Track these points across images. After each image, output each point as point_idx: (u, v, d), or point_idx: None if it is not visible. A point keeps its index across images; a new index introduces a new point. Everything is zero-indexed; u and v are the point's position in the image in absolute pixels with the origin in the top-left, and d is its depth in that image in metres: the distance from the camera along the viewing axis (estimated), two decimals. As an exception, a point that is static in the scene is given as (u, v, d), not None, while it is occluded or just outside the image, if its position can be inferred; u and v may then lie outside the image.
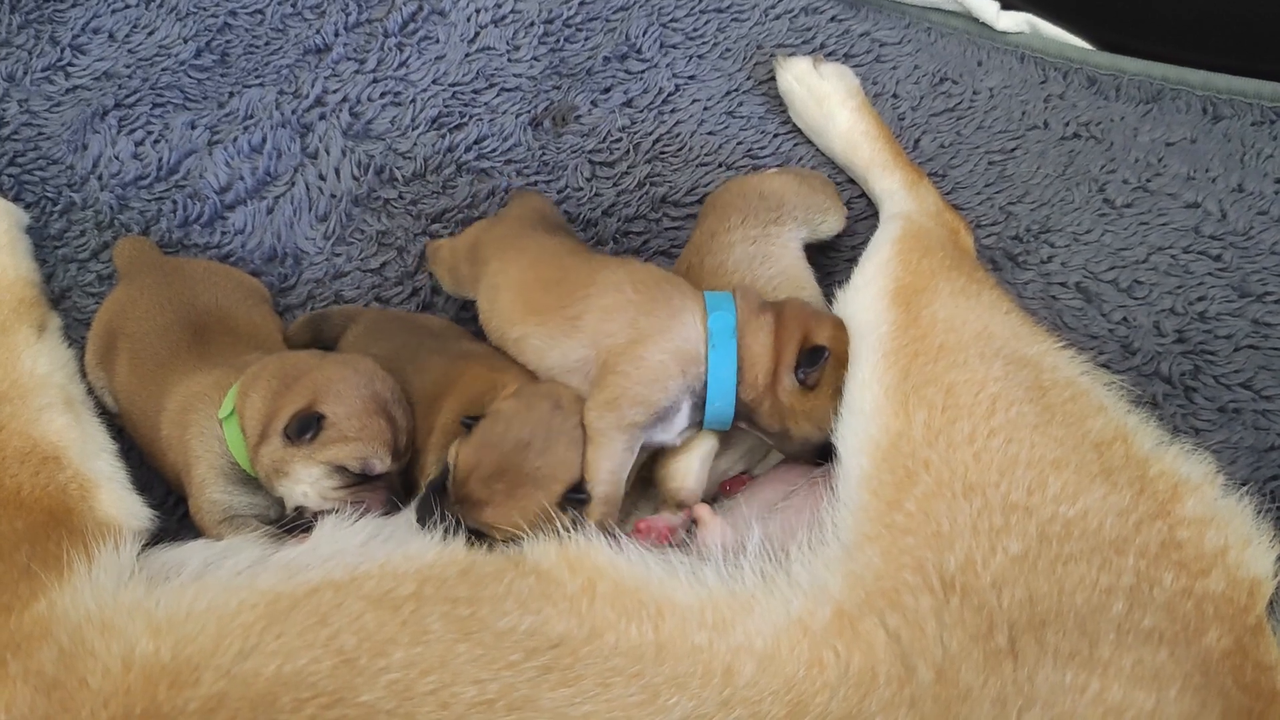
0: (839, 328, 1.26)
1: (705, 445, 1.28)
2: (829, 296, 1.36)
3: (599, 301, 1.27)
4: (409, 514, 1.19)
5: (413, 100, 1.81)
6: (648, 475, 1.34)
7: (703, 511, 1.18)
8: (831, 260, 1.60)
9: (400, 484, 1.27)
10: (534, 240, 1.39)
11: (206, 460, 1.26)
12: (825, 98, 1.64)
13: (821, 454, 1.25)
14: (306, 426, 1.19)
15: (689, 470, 1.26)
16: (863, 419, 1.13)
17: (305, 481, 1.21)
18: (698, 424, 1.27)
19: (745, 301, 1.27)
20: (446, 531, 1.13)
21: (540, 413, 1.19)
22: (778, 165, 1.71)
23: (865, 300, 1.26)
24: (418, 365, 1.36)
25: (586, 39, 1.89)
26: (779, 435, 1.26)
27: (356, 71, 1.85)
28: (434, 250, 1.55)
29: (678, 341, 1.23)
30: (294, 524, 1.24)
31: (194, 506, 1.26)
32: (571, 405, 1.23)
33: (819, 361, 1.22)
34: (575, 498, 1.17)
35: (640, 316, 1.25)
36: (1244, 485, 1.13)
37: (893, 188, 1.54)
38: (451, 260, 1.49)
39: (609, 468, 1.19)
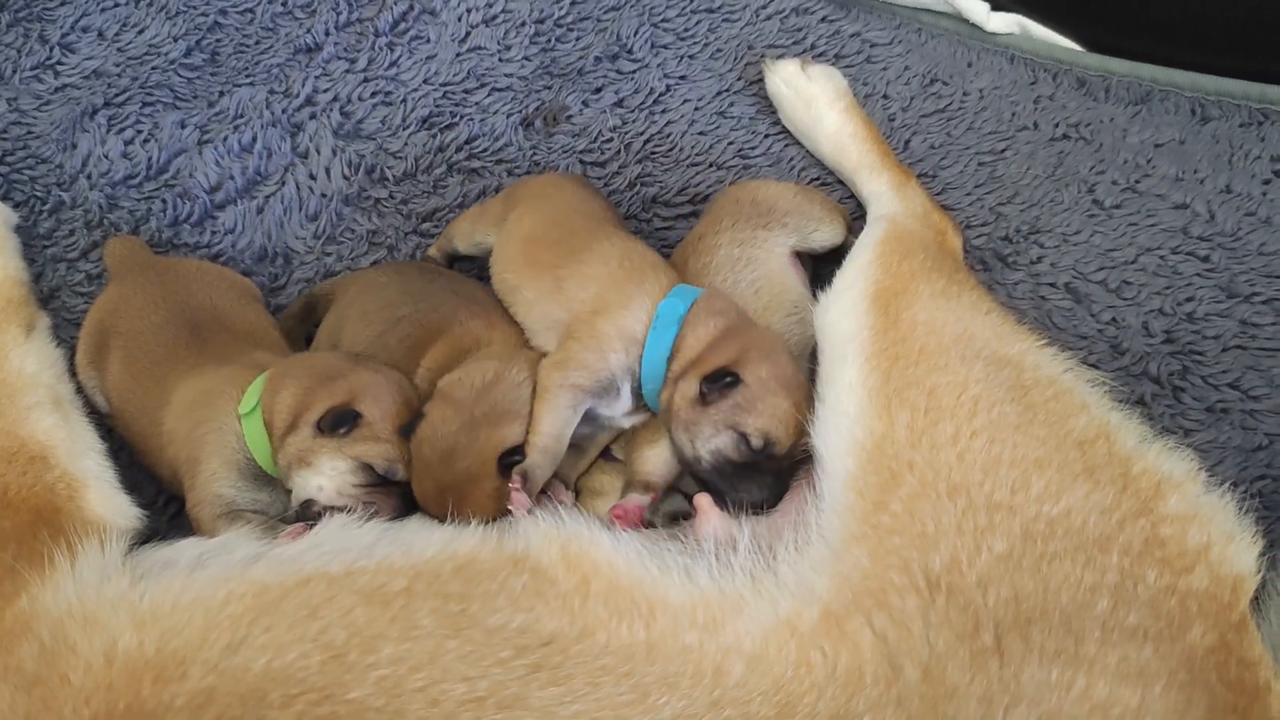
0: (777, 378, 1.23)
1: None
2: (816, 297, 1.37)
3: (585, 269, 1.33)
4: (418, 517, 1.21)
5: (403, 100, 1.81)
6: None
7: (703, 501, 1.19)
8: (822, 259, 1.60)
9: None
10: (561, 197, 1.45)
11: (221, 455, 1.25)
12: (813, 100, 1.65)
13: (699, 482, 1.25)
14: (342, 420, 1.21)
15: (658, 457, 1.30)
16: (847, 421, 1.14)
17: (326, 474, 1.21)
18: (644, 408, 1.31)
19: (707, 299, 1.30)
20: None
21: (457, 413, 1.22)
22: (769, 165, 1.72)
23: (846, 304, 1.26)
24: (431, 300, 1.39)
25: (578, 39, 1.89)
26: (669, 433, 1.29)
27: (347, 71, 1.85)
28: (464, 216, 1.61)
29: (628, 320, 1.28)
30: (295, 519, 1.24)
31: (193, 499, 1.25)
32: (492, 382, 1.25)
33: (721, 383, 1.21)
34: (512, 460, 1.21)
35: (609, 290, 1.30)
36: (1231, 485, 1.14)
37: (879, 190, 1.54)
38: (481, 209, 1.56)
39: (550, 422, 1.23)
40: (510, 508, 1.17)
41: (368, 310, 1.42)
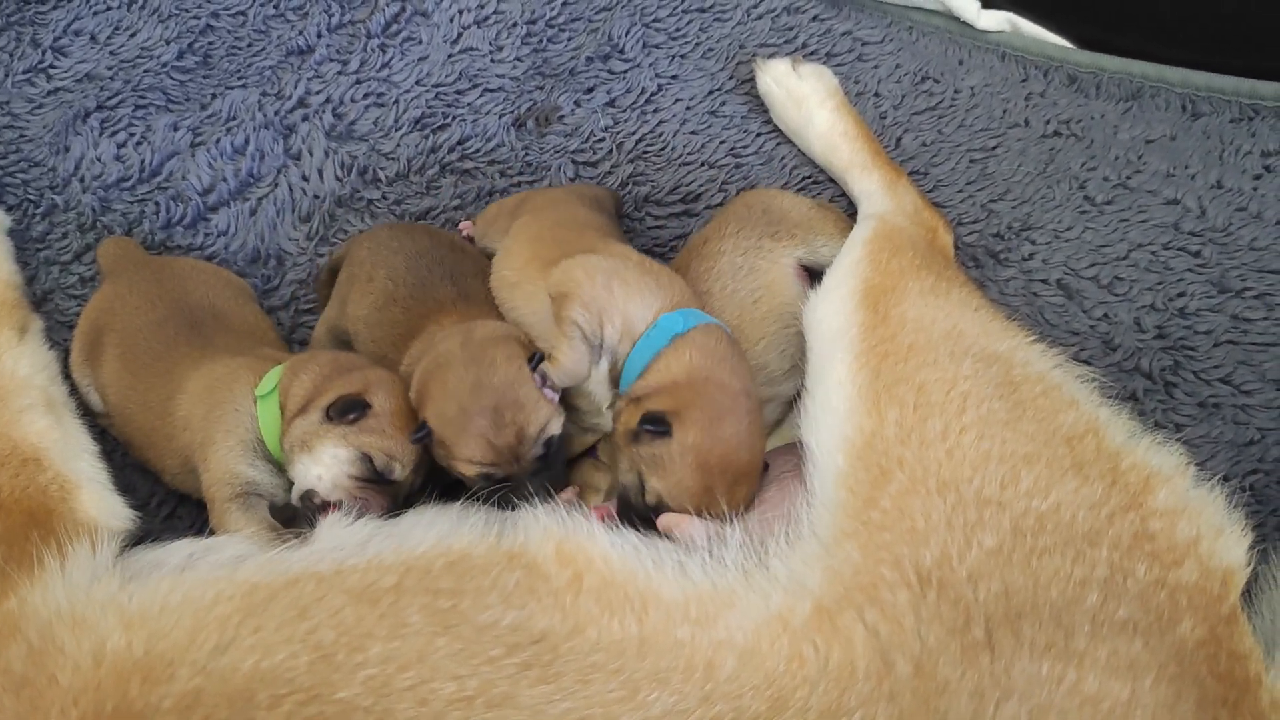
0: (699, 452, 1.17)
1: None
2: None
3: (598, 259, 1.31)
4: (415, 516, 1.19)
5: (396, 101, 1.81)
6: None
7: (667, 520, 1.16)
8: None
9: (403, 499, 1.28)
10: (569, 209, 1.45)
11: (236, 434, 1.27)
12: (804, 99, 1.65)
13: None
14: (351, 408, 1.22)
15: None
16: (836, 418, 1.14)
17: (325, 462, 1.22)
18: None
19: (705, 332, 1.26)
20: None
21: (460, 356, 1.24)
22: (761, 164, 1.72)
23: (835, 302, 1.27)
24: (427, 288, 1.40)
25: (569, 39, 1.89)
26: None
27: (339, 73, 1.85)
28: (485, 210, 1.62)
29: (635, 305, 1.27)
30: (297, 516, 1.26)
31: (210, 480, 1.26)
32: (473, 329, 1.29)
33: (653, 428, 1.18)
34: (537, 360, 1.25)
35: (628, 270, 1.29)
36: (1223, 479, 1.14)
37: (870, 188, 1.54)
38: (498, 211, 1.56)
39: (569, 354, 1.24)
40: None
41: (374, 276, 1.43)
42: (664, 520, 1.17)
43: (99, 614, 0.97)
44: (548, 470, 1.24)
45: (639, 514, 1.20)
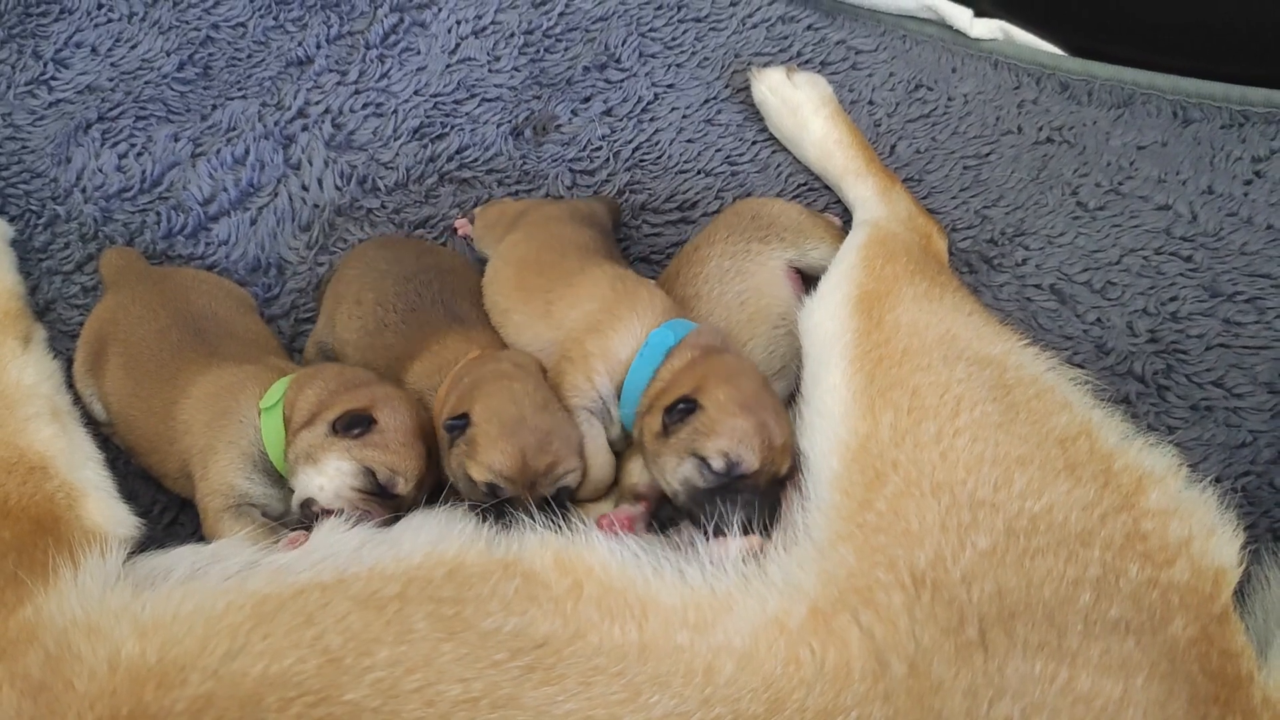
0: (735, 400, 1.20)
1: None
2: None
3: (575, 291, 1.35)
4: (404, 521, 1.21)
5: (394, 111, 1.83)
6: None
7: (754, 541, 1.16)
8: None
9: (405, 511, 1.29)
10: (558, 228, 1.47)
11: (239, 446, 1.28)
12: (798, 107, 1.67)
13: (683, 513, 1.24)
14: (357, 423, 1.24)
15: (643, 468, 1.30)
16: (831, 422, 1.16)
17: (329, 474, 1.23)
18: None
19: (695, 334, 1.30)
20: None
21: (534, 384, 1.28)
22: (756, 171, 1.74)
23: (830, 307, 1.28)
24: (420, 312, 1.41)
25: (566, 49, 1.91)
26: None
27: (338, 83, 1.87)
28: (489, 203, 1.65)
29: (614, 342, 1.30)
30: (295, 523, 1.26)
31: (205, 489, 1.27)
32: (525, 364, 1.34)
33: (683, 406, 1.20)
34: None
35: (600, 311, 1.32)
36: (1216, 481, 1.16)
37: (865, 195, 1.56)
38: (499, 216, 1.58)
39: (589, 445, 1.29)
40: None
41: (362, 299, 1.44)
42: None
43: (113, 622, 0.98)
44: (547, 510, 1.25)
45: (723, 491, 1.18)
